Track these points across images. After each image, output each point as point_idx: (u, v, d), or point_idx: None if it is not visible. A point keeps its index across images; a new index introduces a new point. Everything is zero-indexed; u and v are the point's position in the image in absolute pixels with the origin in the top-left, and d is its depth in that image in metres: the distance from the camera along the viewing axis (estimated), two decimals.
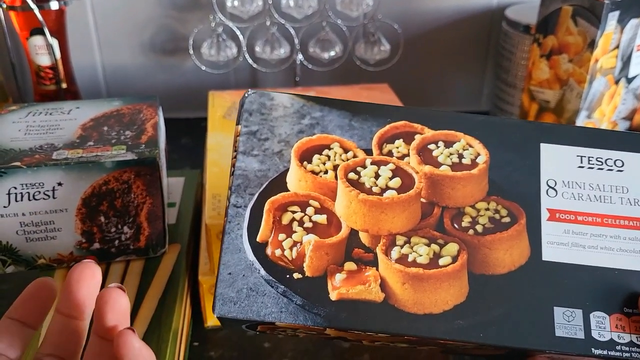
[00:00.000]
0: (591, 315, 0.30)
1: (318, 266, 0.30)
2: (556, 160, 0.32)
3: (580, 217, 0.31)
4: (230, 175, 0.32)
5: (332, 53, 0.74)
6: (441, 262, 0.30)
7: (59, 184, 0.41)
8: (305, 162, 0.32)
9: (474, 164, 0.32)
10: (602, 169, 0.32)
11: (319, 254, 0.30)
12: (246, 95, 0.33)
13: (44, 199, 0.41)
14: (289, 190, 0.31)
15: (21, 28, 0.67)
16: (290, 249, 0.30)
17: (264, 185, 0.31)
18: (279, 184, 0.31)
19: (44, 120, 0.46)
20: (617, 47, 0.55)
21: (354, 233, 0.31)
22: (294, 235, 0.30)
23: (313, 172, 0.32)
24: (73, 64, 0.72)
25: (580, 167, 0.32)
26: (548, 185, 0.31)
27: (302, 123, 0.33)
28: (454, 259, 0.30)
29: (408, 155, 0.32)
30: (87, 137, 0.45)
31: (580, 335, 0.29)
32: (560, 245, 0.31)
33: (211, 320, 0.47)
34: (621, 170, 0.32)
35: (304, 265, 0.30)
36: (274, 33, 0.73)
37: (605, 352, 0.29)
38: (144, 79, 0.80)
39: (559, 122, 0.58)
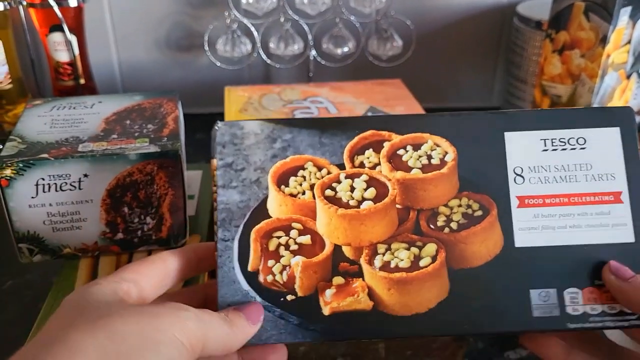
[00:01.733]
0: (564, 292, 0.31)
1: (308, 285, 0.31)
2: (521, 147, 0.33)
3: (548, 200, 0.32)
4: (215, 210, 0.33)
5: (345, 49, 0.75)
6: (422, 263, 0.31)
7: (85, 175, 0.42)
8: (282, 186, 0.33)
9: (443, 162, 0.33)
10: (565, 149, 0.33)
11: (308, 274, 0.31)
12: (216, 128, 0.34)
13: (70, 190, 0.42)
14: (271, 217, 0.32)
15: (41, 25, 0.69)
16: (281, 273, 0.31)
17: (247, 216, 0.32)
18: (261, 211, 0.32)
19: (68, 114, 0.48)
20: (629, 42, 0.56)
21: (337, 248, 0.32)
22: (282, 260, 0.31)
23: (291, 194, 0.33)
24: (90, 60, 0.73)
25: (544, 150, 0.33)
26: (515, 173, 0.32)
27: (274, 147, 0.34)
28: (434, 259, 0.31)
29: (379, 164, 0.33)
30: (110, 130, 0.46)
31: (556, 313, 0.31)
32: (532, 230, 0.32)
33: None
34: (584, 148, 0.33)
35: (296, 286, 0.31)
36: (288, 29, 0.74)
37: (579, 325, 0.31)
38: (159, 75, 0.81)
39: None
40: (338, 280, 0.31)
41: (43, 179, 0.42)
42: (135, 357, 0.25)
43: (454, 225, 0.32)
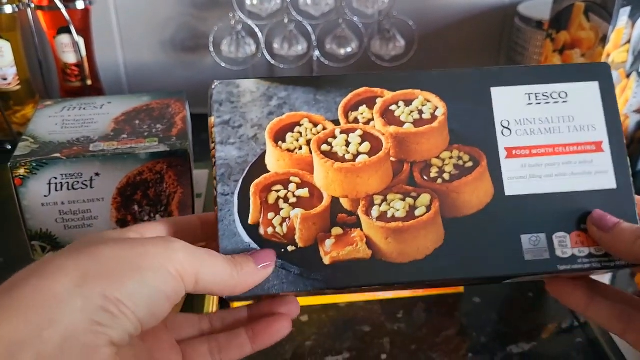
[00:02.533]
0: (553, 236, 0.33)
1: (308, 236, 0.32)
2: (506, 101, 0.34)
3: (534, 151, 0.34)
4: (213, 166, 0.33)
5: (349, 49, 0.76)
6: (417, 213, 0.32)
7: (97, 174, 0.43)
8: (280, 142, 0.34)
9: (433, 117, 0.34)
10: (548, 102, 0.34)
11: (307, 225, 0.32)
12: (213, 87, 0.35)
13: (82, 188, 0.43)
14: (269, 171, 0.33)
15: (49, 27, 0.70)
16: (281, 225, 0.32)
17: (245, 171, 0.33)
18: (259, 166, 0.33)
19: (78, 115, 0.49)
20: (629, 41, 0.57)
21: (335, 200, 0.33)
22: (281, 212, 0.32)
23: (289, 150, 0.33)
24: (97, 61, 0.74)
25: (529, 104, 0.34)
26: (502, 126, 0.34)
27: (270, 105, 0.34)
28: (428, 208, 0.32)
29: (373, 119, 0.34)
30: (120, 130, 0.47)
31: (546, 256, 0.32)
32: (520, 179, 0.33)
33: (237, 304, 0.49)
34: (565, 101, 0.34)
35: (296, 237, 0.32)
36: (292, 30, 0.75)
37: (569, 267, 0.32)
38: (165, 76, 0.82)
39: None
40: (337, 230, 0.32)
41: (55, 178, 0.43)
42: (118, 279, 0.25)
43: (446, 176, 0.33)
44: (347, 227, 0.32)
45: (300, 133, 0.34)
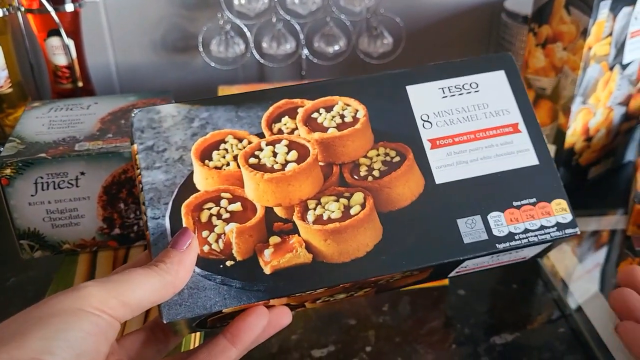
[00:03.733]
0: (488, 217, 0.34)
1: (246, 249, 0.32)
2: (423, 97, 0.36)
3: (456, 139, 0.35)
4: (140, 192, 0.33)
5: (337, 47, 0.77)
6: (352, 211, 0.33)
7: (82, 173, 0.44)
8: (206, 161, 0.33)
9: (355, 119, 0.35)
10: (462, 93, 0.36)
11: (244, 238, 0.32)
12: (133, 115, 0.35)
13: (68, 187, 0.44)
14: (199, 190, 0.33)
15: (39, 30, 0.70)
16: (216, 241, 0.32)
17: (175, 193, 0.33)
18: (188, 187, 0.33)
19: (65, 115, 0.50)
20: (610, 34, 0.57)
21: (269, 210, 0.33)
22: (216, 229, 0.32)
23: (216, 167, 0.33)
24: (88, 63, 0.75)
25: (444, 97, 0.36)
26: (422, 120, 0.35)
27: (193, 126, 0.34)
28: (363, 206, 0.33)
29: (297, 128, 0.35)
30: (106, 129, 0.47)
31: (484, 236, 0.33)
32: (447, 166, 0.35)
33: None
34: (477, 91, 0.36)
35: (233, 252, 0.32)
36: (280, 29, 0.76)
37: (507, 244, 0.33)
38: (156, 77, 0.83)
39: (555, 109, 0.60)
40: (274, 239, 0.32)
41: (42, 178, 0.43)
42: (21, 338, 0.24)
43: (376, 173, 0.34)
44: (285, 235, 0.32)
45: (226, 150, 0.34)
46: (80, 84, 0.73)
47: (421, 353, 0.46)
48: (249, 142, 0.34)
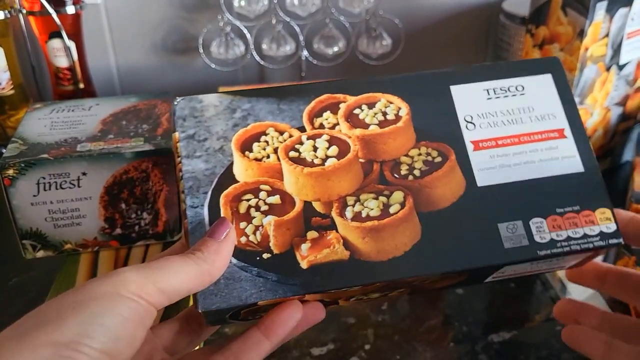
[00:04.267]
0: (530, 222, 0.33)
1: (283, 242, 0.32)
2: (467, 98, 0.35)
3: (500, 142, 0.35)
4: (180, 180, 0.33)
5: (336, 48, 0.77)
6: (391, 210, 0.32)
7: (84, 173, 0.44)
8: (247, 152, 0.33)
9: (398, 117, 0.35)
10: (507, 96, 0.36)
11: (281, 231, 0.32)
12: (175, 103, 0.35)
13: (69, 188, 0.45)
14: (238, 182, 0.33)
15: (40, 32, 0.71)
16: (254, 233, 0.32)
17: (214, 182, 0.33)
18: (227, 177, 0.33)
19: (67, 117, 0.50)
20: (607, 35, 0.58)
21: (307, 205, 0.33)
22: (254, 221, 0.32)
23: (256, 159, 0.33)
24: (89, 65, 0.75)
25: (488, 98, 0.36)
26: (466, 121, 0.35)
27: (234, 117, 0.34)
28: (402, 205, 0.33)
29: (338, 124, 0.35)
30: (107, 130, 0.48)
31: (525, 242, 0.33)
32: (490, 169, 0.34)
33: None
34: (523, 94, 0.36)
35: (270, 244, 0.32)
36: (280, 31, 0.76)
37: (548, 252, 0.33)
38: (156, 78, 0.83)
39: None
40: (312, 234, 0.32)
41: (44, 178, 0.44)
42: (59, 321, 0.24)
43: (416, 172, 0.34)
44: (322, 230, 0.32)
45: (267, 142, 0.34)
46: (81, 85, 0.74)
47: (420, 351, 0.47)
48: (290, 136, 0.34)
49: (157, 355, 0.31)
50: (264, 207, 0.32)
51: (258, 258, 0.31)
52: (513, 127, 0.35)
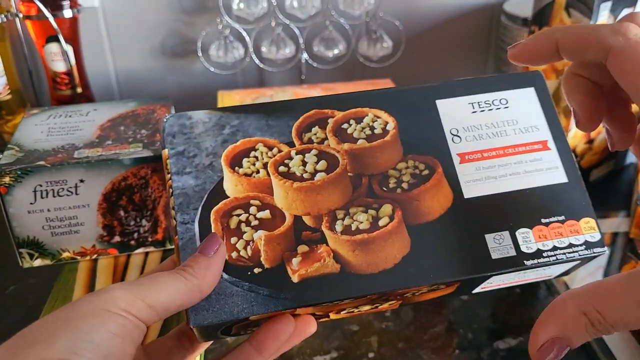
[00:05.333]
0: (516, 233, 0.33)
1: (274, 257, 0.32)
2: (452, 111, 0.36)
3: (485, 154, 0.35)
4: (170, 197, 0.33)
5: (336, 51, 0.77)
6: (380, 223, 0.33)
7: (81, 180, 0.43)
8: (236, 168, 0.34)
9: (385, 131, 0.35)
10: (491, 109, 0.36)
11: (272, 246, 0.32)
12: (165, 120, 0.35)
13: (67, 195, 0.44)
14: (228, 197, 0.33)
15: (37, 36, 0.70)
16: (245, 248, 0.32)
17: (204, 198, 0.33)
18: (217, 193, 0.33)
19: (64, 122, 0.49)
20: None
21: (298, 219, 0.33)
22: (244, 236, 0.32)
23: (246, 174, 0.34)
24: (87, 69, 0.75)
25: (473, 112, 0.36)
26: (452, 134, 0.35)
27: (223, 133, 0.35)
28: (391, 218, 0.33)
29: (326, 138, 0.35)
30: (105, 136, 0.47)
31: (512, 252, 0.33)
32: (476, 181, 0.34)
33: None
34: (507, 107, 0.36)
35: (261, 259, 0.32)
36: (279, 33, 0.76)
37: (535, 261, 0.33)
38: (155, 82, 0.83)
39: (557, 110, 0.60)
40: (302, 248, 0.32)
41: (41, 185, 0.43)
42: (47, 340, 0.24)
43: (404, 185, 0.34)
44: (313, 244, 0.32)
45: (256, 157, 0.34)
46: (79, 90, 0.73)
47: (424, 359, 0.46)
48: (279, 150, 0.34)
49: None
50: (255, 222, 0.33)
51: (249, 273, 0.31)
52: (498, 140, 0.35)
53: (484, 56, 0.85)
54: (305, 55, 0.79)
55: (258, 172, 0.33)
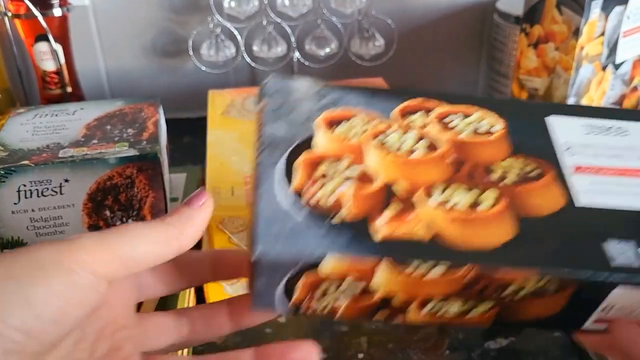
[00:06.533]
0: (639, 249, 0.30)
1: (358, 211, 0.29)
2: (565, 130, 0.35)
3: (602, 171, 0.33)
4: (257, 140, 0.31)
5: (328, 50, 0.76)
6: (483, 206, 0.30)
7: (66, 180, 0.43)
8: (333, 126, 0.33)
9: (492, 131, 0.34)
10: (608, 134, 0.35)
11: (358, 200, 0.30)
12: (266, 80, 0.34)
13: (51, 195, 0.43)
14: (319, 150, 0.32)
15: (26, 35, 0.70)
16: (328, 198, 0.30)
17: (292, 145, 0.31)
18: (307, 146, 0.32)
19: (50, 122, 0.49)
20: (603, 34, 0.57)
21: (388, 186, 0.31)
22: (329, 184, 0.30)
23: (340, 136, 0.32)
24: (77, 68, 0.74)
25: (588, 134, 0.35)
26: (565, 147, 0.34)
27: (323, 101, 0.34)
28: (495, 202, 0.31)
29: (429, 125, 0.34)
30: (91, 135, 0.47)
31: (636, 264, 0.29)
32: (592, 192, 0.32)
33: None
34: (626, 135, 0.35)
35: (344, 210, 0.29)
36: (271, 32, 0.75)
37: None
38: (146, 81, 0.82)
39: None
40: (389, 212, 0.30)
41: (24, 185, 0.42)
42: (6, 286, 0.22)
43: (510, 180, 0.32)
44: (401, 210, 0.30)
45: (354, 125, 0.33)
46: (69, 89, 0.73)
47: (414, 359, 0.45)
48: (380, 123, 0.33)
49: (127, 345, 0.27)
50: (342, 175, 0.31)
51: (329, 221, 0.29)
52: (617, 161, 0.33)
53: (477, 54, 0.85)
54: (297, 54, 0.78)
55: (353, 137, 0.32)
